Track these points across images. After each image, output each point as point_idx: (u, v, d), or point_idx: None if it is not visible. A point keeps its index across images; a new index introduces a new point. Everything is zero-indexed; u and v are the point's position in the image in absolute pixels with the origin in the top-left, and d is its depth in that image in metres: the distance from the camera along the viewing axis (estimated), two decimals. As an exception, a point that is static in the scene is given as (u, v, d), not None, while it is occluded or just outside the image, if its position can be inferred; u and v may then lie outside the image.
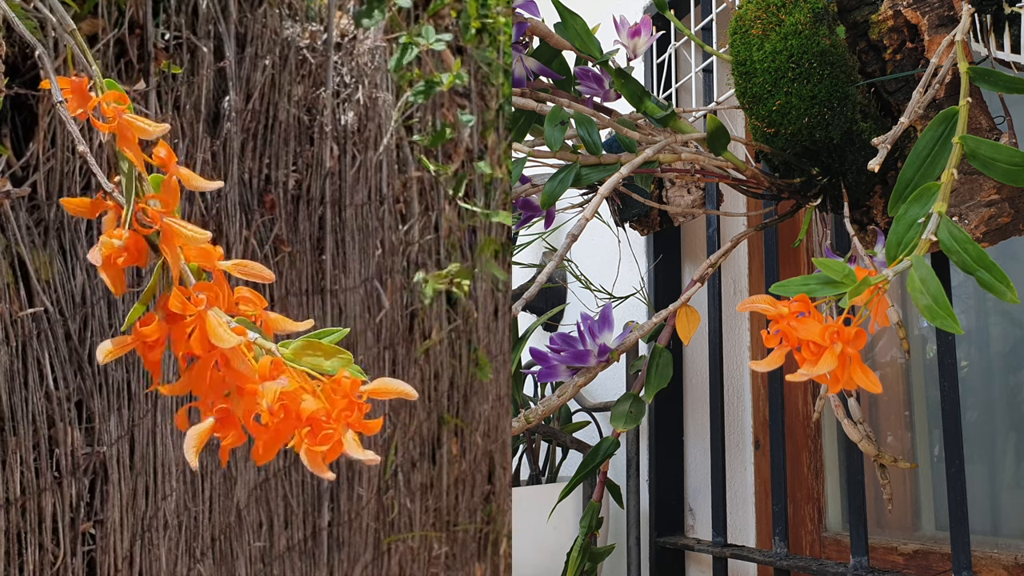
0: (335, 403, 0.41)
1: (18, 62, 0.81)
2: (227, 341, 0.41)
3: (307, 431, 0.40)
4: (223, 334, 0.41)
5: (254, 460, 0.41)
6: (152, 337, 0.42)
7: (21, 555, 0.82)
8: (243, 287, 0.45)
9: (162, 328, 0.42)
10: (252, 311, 0.44)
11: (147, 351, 0.43)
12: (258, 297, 0.45)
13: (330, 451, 0.40)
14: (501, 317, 1.50)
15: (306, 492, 1.18)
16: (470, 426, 1.46)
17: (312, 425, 0.40)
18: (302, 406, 0.40)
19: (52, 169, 0.83)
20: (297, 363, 0.42)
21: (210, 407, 0.42)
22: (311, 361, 0.43)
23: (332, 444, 0.40)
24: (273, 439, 0.41)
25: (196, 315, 0.42)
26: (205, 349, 0.42)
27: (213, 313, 0.42)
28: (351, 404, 0.41)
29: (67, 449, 0.86)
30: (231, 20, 1.01)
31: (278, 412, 0.40)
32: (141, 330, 0.42)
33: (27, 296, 0.82)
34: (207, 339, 0.41)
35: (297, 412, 0.40)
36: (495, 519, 1.52)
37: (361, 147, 1.20)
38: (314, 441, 0.40)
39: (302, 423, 0.40)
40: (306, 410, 0.40)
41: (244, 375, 0.41)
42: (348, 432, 0.40)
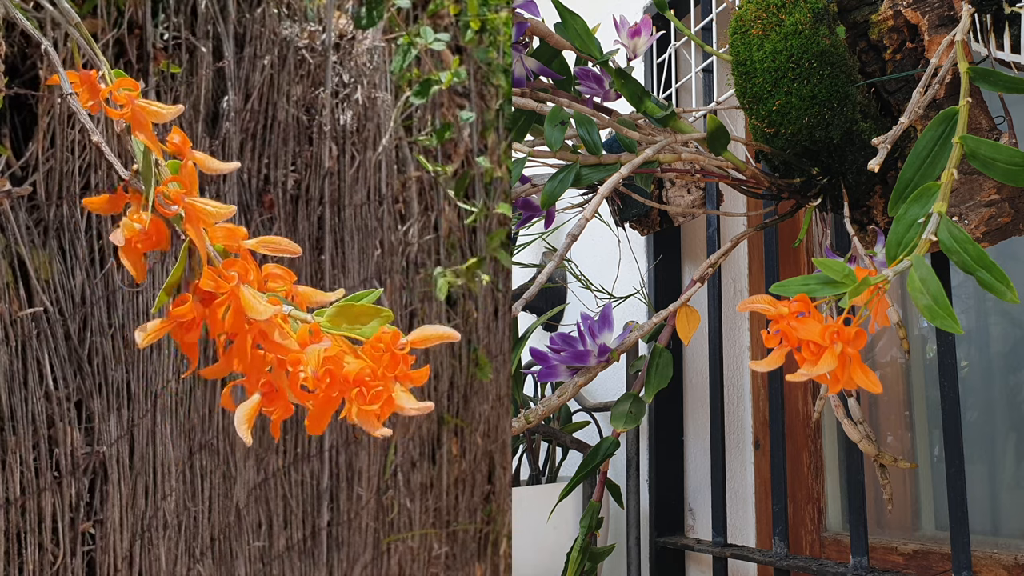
0: (379, 360, 0.40)
1: (17, 62, 0.81)
2: (263, 312, 0.40)
3: (356, 392, 0.40)
4: (258, 306, 0.41)
5: (309, 430, 0.40)
6: (187, 317, 0.42)
7: (21, 555, 0.82)
8: (271, 264, 0.45)
9: (196, 308, 0.42)
10: (283, 287, 0.44)
11: (183, 333, 0.42)
12: (288, 272, 0.44)
13: (383, 408, 0.40)
14: (501, 317, 1.50)
15: (305, 492, 1.18)
16: (470, 426, 1.46)
17: (360, 385, 0.40)
18: (346, 368, 0.40)
19: (51, 169, 0.83)
20: (335, 330, 0.42)
21: (255, 384, 0.41)
22: (349, 326, 0.42)
23: (384, 400, 0.40)
24: (323, 406, 0.40)
25: (229, 292, 0.41)
26: (241, 326, 0.41)
27: (246, 288, 0.41)
28: (395, 357, 0.40)
29: (67, 449, 0.86)
30: (230, 20, 1.01)
31: (323, 377, 0.39)
32: (175, 311, 0.42)
33: (27, 296, 0.82)
34: (242, 315, 0.41)
35: (343, 375, 0.40)
36: (495, 519, 1.52)
37: (360, 147, 1.20)
38: (365, 401, 0.39)
39: (349, 385, 0.40)
40: (351, 371, 0.40)
41: (284, 347, 0.41)
42: (396, 386, 0.40)
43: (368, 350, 0.41)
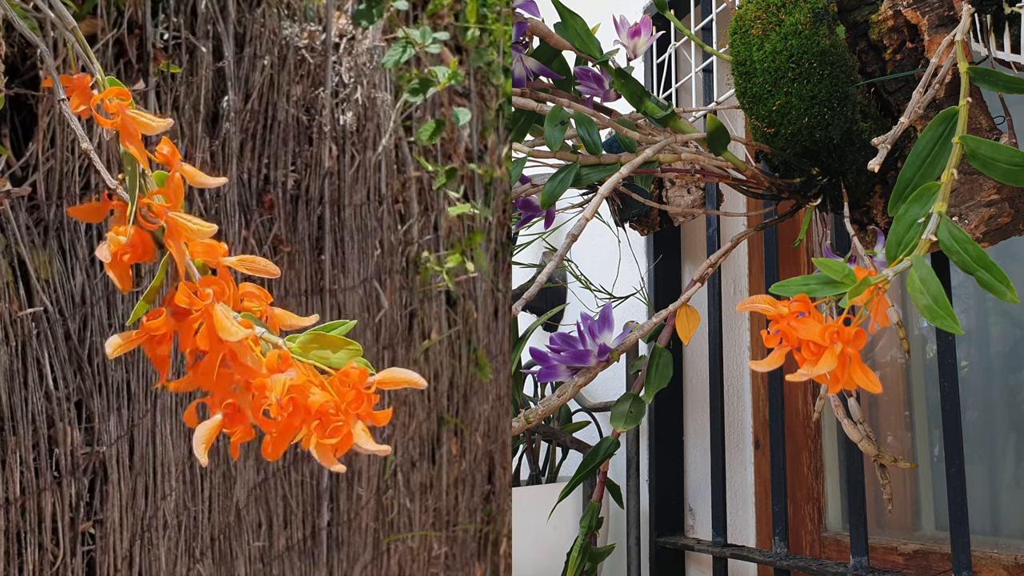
0: (344, 395, 0.40)
1: (17, 62, 0.81)
2: (234, 334, 0.40)
3: (316, 424, 0.40)
4: (230, 327, 0.41)
5: (264, 456, 0.40)
6: (159, 331, 0.42)
7: (21, 555, 0.82)
8: (248, 283, 0.45)
9: (169, 323, 0.42)
10: (258, 307, 0.44)
11: (154, 346, 0.42)
12: (264, 293, 0.45)
13: (340, 443, 0.40)
14: (501, 317, 1.50)
15: (305, 492, 1.18)
16: (470, 426, 1.46)
17: (321, 418, 0.40)
18: (311, 399, 0.40)
19: (51, 169, 0.83)
20: (305, 357, 0.42)
21: (219, 403, 0.41)
22: (319, 354, 0.42)
23: (342, 437, 0.40)
24: (282, 434, 0.40)
25: (203, 309, 0.41)
26: (212, 344, 0.41)
27: (220, 307, 0.42)
28: (360, 395, 0.40)
29: (67, 449, 0.86)
30: (230, 20, 1.01)
31: (287, 405, 0.40)
32: (148, 324, 0.42)
33: (27, 296, 0.82)
34: (214, 333, 0.41)
35: (306, 405, 0.40)
36: (495, 519, 1.52)
37: (360, 147, 1.20)
38: (323, 434, 0.39)
39: (311, 416, 0.40)
40: (315, 403, 0.40)
41: (252, 369, 0.41)
42: (358, 424, 0.40)
43: (335, 383, 0.41)
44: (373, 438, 0.40)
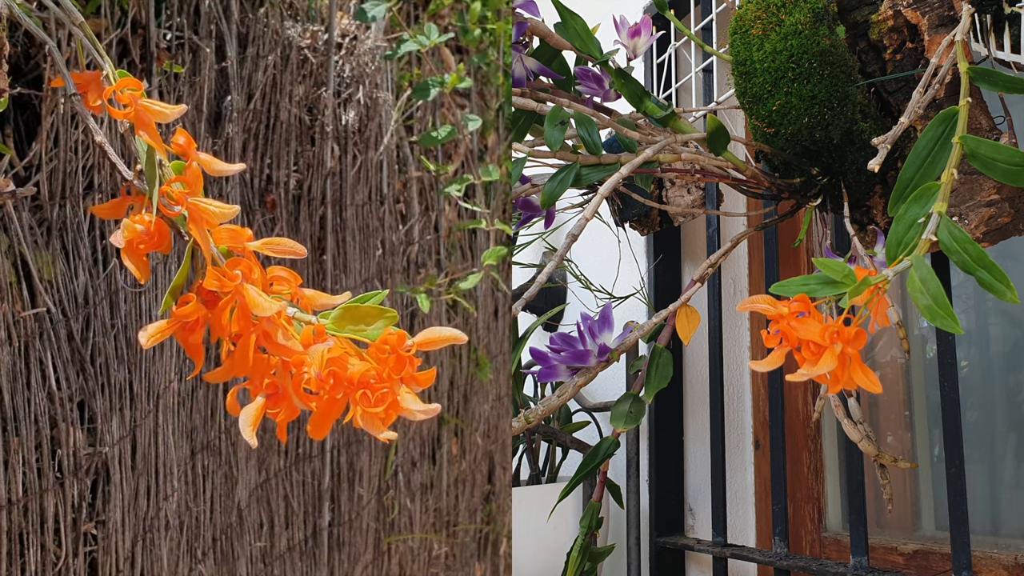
0: (384, 361, 0.39)
1: (20, 62, 0.81)
2: (268, 309, 0.40)
3: (361, 394, 0.39)
4: (263, 302, 0.40)
5: (310, 435, 0.40)
6: (191, 318, 0.41)
7: (23, 556, 0.82)
8: (276, 266, 0.44)
9: (200, 309, 0.42)
10: (288, 289, 0.43)
11: (186, 334, 0.42)
12: (293, 275, 0.44)
13: (388, 410, 0.39)
14: (501, 317, 1.50)
15: (307, 492, 1.18)
16: (470, 426, 1.46)
17: (365, 387, 0.39)
18: (351, 370, 0.39)
19: (55, 169, 0.83)
20: (339, 331, 0.41)
21: (259, 386, 0.41)
22: (354, 328, 0.41)
23: (388, 403, 0.39)
24: (326, 409, 0.39)
25: (233, 290, 0.41)
26: (246, 325, 0.40)
27: (250, 286, 0.41)
28: (401, 359, 0.40)
29: (69, 449, 0.86)
30: (233, 20, 1.01)
31: (327, 379, 0.39)
32: (179, 311, 0.41)
33: (30, 296, 0.82)
34: (247, 315, 0.40)
35: (347, 376, 0.39)
36: (495, 519, 1.53)
37: (362, 147, 1.20)
38: (369, 403, 0.39)
39: (353, 387, 0.39)
40: (355, 373, 0.39)
41: (287, 348, 0.40)
42: (402, 388, 0.39)
43: (373, 352, 0.40)
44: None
